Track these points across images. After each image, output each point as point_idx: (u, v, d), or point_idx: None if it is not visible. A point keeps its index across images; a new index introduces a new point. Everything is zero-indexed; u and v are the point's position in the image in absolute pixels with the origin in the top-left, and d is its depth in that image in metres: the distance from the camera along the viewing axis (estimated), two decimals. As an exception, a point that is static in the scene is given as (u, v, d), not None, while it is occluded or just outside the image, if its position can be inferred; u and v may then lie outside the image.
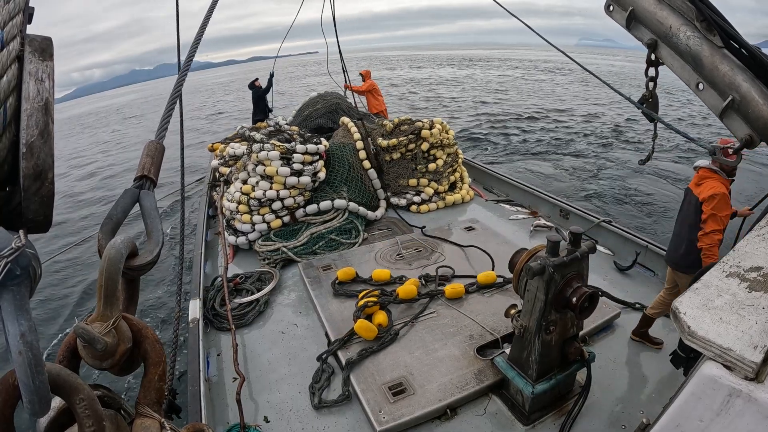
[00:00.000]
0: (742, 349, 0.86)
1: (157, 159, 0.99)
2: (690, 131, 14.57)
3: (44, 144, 0.59)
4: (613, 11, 1.75)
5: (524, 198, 5.90)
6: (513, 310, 2.64)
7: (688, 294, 1.04)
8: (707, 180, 3.09)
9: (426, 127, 5.98)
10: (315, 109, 7.98)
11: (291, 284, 4.27)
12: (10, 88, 0.59)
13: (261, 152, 4.99)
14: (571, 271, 2.29)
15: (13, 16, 0.62)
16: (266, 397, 2.91)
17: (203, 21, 1.60)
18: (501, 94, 25.77)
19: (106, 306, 0.69)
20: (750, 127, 1.35)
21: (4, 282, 0.52)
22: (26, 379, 0.54)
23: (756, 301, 0.97)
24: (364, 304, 3.36)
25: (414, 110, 20.33)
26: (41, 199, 0.60)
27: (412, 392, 2.71)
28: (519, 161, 12.56)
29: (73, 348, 0.70)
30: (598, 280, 3.91)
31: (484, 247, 4.44)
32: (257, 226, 4.91)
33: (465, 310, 3.46)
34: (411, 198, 5.90)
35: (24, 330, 0.54)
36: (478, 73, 42.15)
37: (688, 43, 1.45)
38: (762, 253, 1.12)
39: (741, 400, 0.85)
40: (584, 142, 14.70)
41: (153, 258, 0.82)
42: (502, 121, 17.84)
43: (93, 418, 0.63)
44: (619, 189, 10.10)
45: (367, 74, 10.20)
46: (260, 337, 3.51)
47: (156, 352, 0.77)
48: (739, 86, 1.33)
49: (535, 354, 2.39)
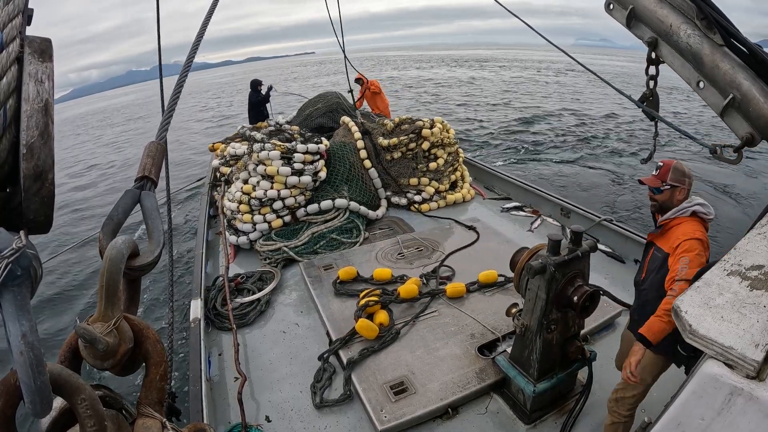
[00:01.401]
0: (744, 347, 0.86)
1: (157, 159, 0.99)
2: (691, 129, 14.55)
3: (44, 145, 0.59)
4: (613, 9, 1.74)
5: (525, 197, 5.89)
6: (514, 309, 2.63)
7: (689, 292, 1.04)
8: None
9: (426, 126, 5.98)
10: (315, 109, 7.98)
11: (292, 284, 4.27)
12: (9, 90, 0.60)
13: (262, 152, 4.99)
14: (572, 269, 2.28)
15: (12, 17, 0.62)
16: (268, 396, 2.92)
17: (204, 21, 1.59)
18: (527, 96, 25.24)
19: (108, 306, 0.69)
20: (751, 126, 1.35)
21: (5, 282, 0.53)
22: (28, 380, 0.54)
23: (757, 299, 0.97)
24: (365, 304, 3.36)
25: (445, 115, 19.54)
26: (42, 200, 0.60)
27: (413, 391, 2.72)
28: (525, 162, 12.55)
29: (75, 348, 0.70)
30: (599, 279, 3.90)
31: (485, 246, 4.44)
32: (258, 226, 4.92)
33: (466, 309, 3.46)
34: (412, 197, 5.90)
35: (25, 330, 0.54)
36: (503, 73, 41.37)
37: (688, 42, 1.44)
38: (763, 252, 1.12)
39: (742, 398, 0.85)
40: (584, 141, 14.68)
41: (154, 258, 0.82)
42: (528, 122, 17.62)
43: (94, 418, 0.63)
44: (621, 187, 10.09)
45: (362, 78, 10.16)
46: (261, 337, 3.52)
47: (157, 352, 0.77)
48: (739, 84, 1.33)
49: (537, 353, 2.39)
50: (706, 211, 2.28)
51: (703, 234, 2.23)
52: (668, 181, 2.33)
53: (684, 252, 2.16)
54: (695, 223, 2.27)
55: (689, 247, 2.16)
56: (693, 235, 2.20)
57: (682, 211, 2.30)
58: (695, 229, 2.23)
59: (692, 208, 2.28)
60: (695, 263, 2.10)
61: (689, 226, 2.25)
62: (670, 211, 2.34)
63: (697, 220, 2.28)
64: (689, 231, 2.23)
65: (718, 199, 9.34)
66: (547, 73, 40.25)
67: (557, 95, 25.39)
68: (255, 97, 10.18)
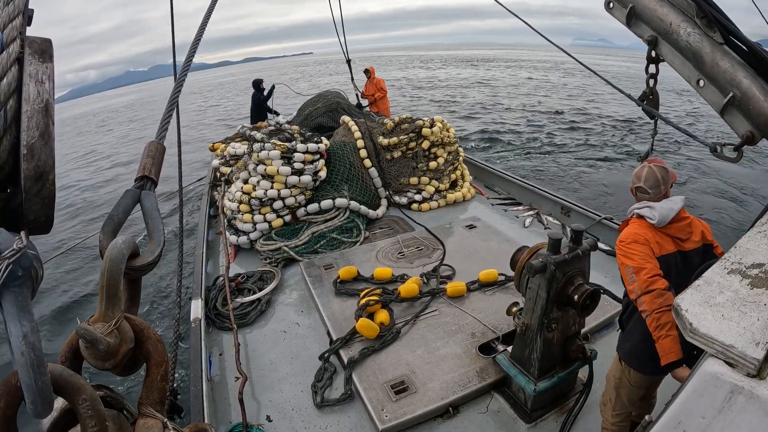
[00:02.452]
0: (744, 346, 0.86)
1: (157, 159, 0.99)
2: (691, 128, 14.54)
3: (45, 145, 0.59)
4: (613, 8, 1.74)
5: (526, 195, 5.89)
6: (515, 308, 2.64)
7: (689, 291, 1.04)
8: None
9: (426, 126, 5.98)
10: (315, 108, 7.97)
11: (292, 283, 4.27)
12: (10, 90, 0.60)
13: (262, 152, 4.99)
14: (572, 268, 2.28)
15: (12, 18, 0.62)
16: (268, 396, 2.92)
17: (203, 21, 1.59)
18: (527, 96, 25.03)
19: (108, 306, 0.69)
20: (751, 124, 1.35)
21: (6, 283, 0.53)
22: (29, 380, 0.54)
23: (758, 297, 0.97)
24: (365, 303, 3.36)
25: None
26: (42, 201, 0.60)
27: (414, 390, 2.72)
28: (527, 159, 12.54)
29: (75, 348, 0.70)
30: (599, 278, 3.90)
31: (486, 245, 4.43)
32: (258, 226, 4.92)
33: (467, 308, 3.46)
34: (412, 196, 5.90)
35: (26, 331, 0.54)
36: (521, 73, 41.25)
37: (688, 40, 1.44)
38: (764, 250, 1.12)
39: (743, 397, 0.85)
40: (582, 141, 14.67)
41: (154, 258, 0.82)
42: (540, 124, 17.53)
43: (96, 418, 0.63)
44: (620, 187, 10.08)
45: (372, 71, 10.21)
46: (262, 337, 3.52)
47: (158, 352, 0.77)
48: (739, 83, 1.33)
49: (537, 352, 2.39)
50: (651, 215, 2.14)
51: (639, 235, 2.13)
52: (632, 187, 2.28)
53: (622, 257, 2.12)
54: (637, 223, 2.20)
55: (624, 251, 2.12)
56: (626, 238, 2.15)
57: (630, 213, 2.26)
58: (631, 231, 2.16)
59: (637, 210, 2.21)
60: (637, 264, 2.04)
61: (626, 230, 2.20)
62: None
63: (641, 220, 2.20)
64: (623, 236, 2.18)
65: (719, 197, 9.34)
66: (549, 73, 40.16)
67: (558, 94, 25.36)
68: (257, 96, 10.21)
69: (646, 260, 2.05)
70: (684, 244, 2.19)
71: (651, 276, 2.00)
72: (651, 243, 2.11)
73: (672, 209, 2.14)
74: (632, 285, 2.04)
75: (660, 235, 2.15)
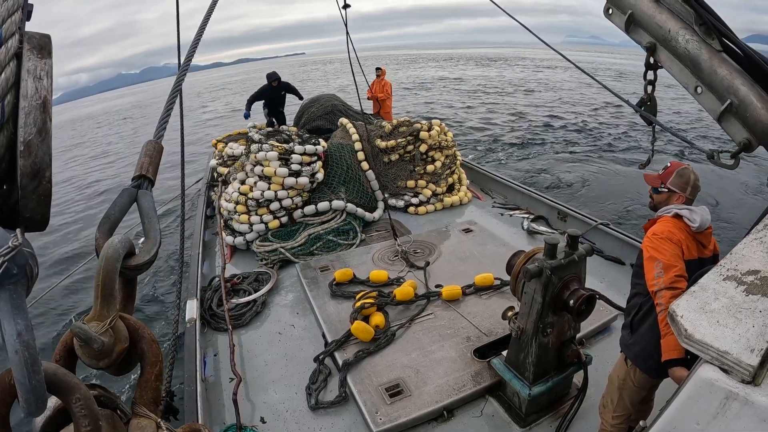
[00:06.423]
0: (739, 352, 0.87)
1: (155, 159, 0.98)
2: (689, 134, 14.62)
3: (42, 142, 0.59)
4: (612, 14, 1.75)
5: (522, 200, 5.91)
6: (510, 312, 2.64)
7: (685, 297, 1.04)
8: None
9: (424, 129, 5.99)
10: (312, 112, 7.97)
11: (288, 285, 4.26)
12: (8, 86, 0.59)
13: (259, 152, 4.99)
14: (568, 273, 2.29)
15: (11, 12, 0.62)
16: (263, 397, 2.91)
17: (203, 21, 1.59)
18: (515, 98, 25.07)
19: (104, 305, 0.69)
20: (748, 131, 1.35)
21: (0, 281, 0.52)
22: (23, 379, 0.54)
23: (753, 304, 0.97)
24: (361, 306, 3.35)
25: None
26: (38, 198, 0.59)
27: (408, 394, 2.71)
28: (523, 162, 12.57)
29: (70, 347, 0.70)
30: (595, 283, 3.91)
31: (482, 249, 4.44)
32: (255, 227, 4.91)
33: (462, 311, 3.46)
34: (409, 199, 5.90)
35: (21, 329, 0.53)
36: (531, 72, 41.16)
37: (687, 47, 1.45)
38: (759, 257, 1.12)
39: (738, 403, 0.86)
40: (581, 143, 14.72)
41: (150, 257, 0.81)
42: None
43: (89, 417, 0.63)
44: (618, 192, 10.11)
45: (384, 72, 10.20)
46: (257, 338, 3.50)
47: (153, 352, 0.76)
48: (737, 90, 1.33)
49: (532, 356, 2.39)
50: (691, 218, 2.12)
51: (673, 233, 2.11)
52: (668, 184, 2.28)
53: (653, 250, 2.10)
54: (672, 222, 2.16)
55: (655, 245, 2.10)
56: (661, 232, 2.13)
57: (667, 211, 2.24)
58: (666, 228, 2.14)
59: (677, 210, 2.18)
60: (668, 261, 2.03)
61: (661, 225, 2.18)
62: (658, 210, 2.30)
63: (676, 220, 2.17)
64: (658, 229, 2.16)
65: (715, 204, 9.38)
66: (542, 72, 40.26)
67: (556, 96, 25.42)
68: (269, 89, 10.04)
69: (677, 259, 2.06)
70: (704, 251, 2.21)
71: (679, 275, 2.01)
72: (682, 245, 2.12)
73: (709, 217, 2.16)
74: (657, 279, 2.03)
75: (690, 240, 2.16)
